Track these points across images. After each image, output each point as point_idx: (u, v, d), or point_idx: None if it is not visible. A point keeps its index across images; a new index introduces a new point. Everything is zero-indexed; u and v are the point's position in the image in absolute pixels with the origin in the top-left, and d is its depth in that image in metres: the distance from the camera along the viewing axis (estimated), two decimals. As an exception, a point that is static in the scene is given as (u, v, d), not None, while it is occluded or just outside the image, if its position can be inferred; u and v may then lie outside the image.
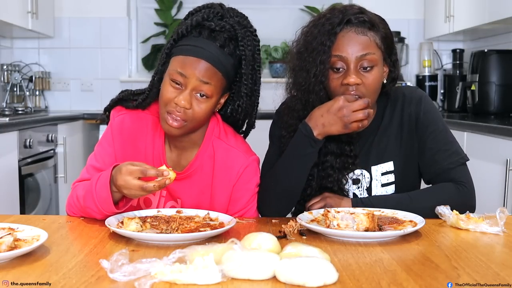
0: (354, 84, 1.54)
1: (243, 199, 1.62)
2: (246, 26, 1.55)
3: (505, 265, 1.14)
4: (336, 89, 1.58)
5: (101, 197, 1.44)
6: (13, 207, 3.08)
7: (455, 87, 4.25)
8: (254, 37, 1.56)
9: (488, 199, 2.76)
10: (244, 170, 1.61)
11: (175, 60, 1.53)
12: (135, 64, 4.93)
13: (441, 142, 1.65)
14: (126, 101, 1.65)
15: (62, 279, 1.03)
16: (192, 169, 1.62)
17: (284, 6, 4.92)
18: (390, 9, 4.57)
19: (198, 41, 1.51)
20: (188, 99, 1.49)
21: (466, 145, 3.11)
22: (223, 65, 1.51)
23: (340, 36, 1.56)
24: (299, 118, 1.64)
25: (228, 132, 1.66)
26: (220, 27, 1.51)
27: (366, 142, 1.69)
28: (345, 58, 1.55)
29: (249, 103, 1.61)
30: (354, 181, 1.69)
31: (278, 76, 4.75)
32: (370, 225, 1.35)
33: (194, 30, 1.52)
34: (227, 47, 1.52)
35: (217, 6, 1.56)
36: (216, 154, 1.62)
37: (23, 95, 4.47)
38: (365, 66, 1.55)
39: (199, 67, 1.49)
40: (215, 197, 1.62)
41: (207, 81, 1.50)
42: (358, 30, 1.56)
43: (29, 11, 3.96)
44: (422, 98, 1.68)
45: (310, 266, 1.01)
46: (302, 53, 1.62)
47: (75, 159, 4.07)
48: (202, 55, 1.49)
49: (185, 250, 1.07)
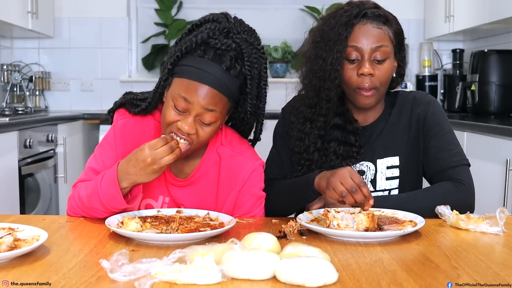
0: (368, 74, 1.60)
1: (247, 204, 1.62)
2: (252, 44, 1.50)
3: (505, 265, 1.14)
4: (350, 79, 1.64)
5: (108, 195, 1.44)
6: (13, 207, 3.08)
7: (455, 87, 4.26)
8: (261, 55, 1.52)
9: (488, 199, 2.76)
10: (250, 175, 1.60)
11: (179, 82, 1.48)
12: (135, 64, 4.93)
13: (445, 142, 1.69)
14: (129, 105, 1.63)
15: (62, 279, 1.03)
16: (196, 176, 1.61)
17: (284, 6, 4.92)
18: (390, 9, 4.57)
19: (203, 63, 1.46)
20: (192, 125, 1.47)
21: (466, 145, 3.11)
22: (229, 89, 1.47)
23: (357, 28, 1.62)
24: (309, 106, 1.70)
25: (233, 138, 1.64)
26: (226, 46, 1.46)
27: (373, 135, 1.72)
28: (360, 49, 1.61)
29: (253, 119, 1.60)
30: (359, 172, 1.71)
31: (278, 76, 4.75)
32: (370, 225, 1.36)
33: (199, 48, 1.47)
34: (233, 69, 1.47)
35: (223, 20, 1.50)
36: (222, 160, 1.61)
37: (23, 95, 4.47)
38: (378, 59, 1.62)
39: (204, 93, 1.45)
40: (220, 203, 1.62)
41: (212, 109, 1.46)
42: (373, 24, 1.63)
43: (29, 11, 3.96)
44: (431, 101, 1.75)
45: (310, 266, 1.01)
46: (319, 42, 1.67)
47: (75, 159, 4.07)
48: (207, 81, 1.44)
49: (185, 250, 1.07)
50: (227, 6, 1.58)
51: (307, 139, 1.69)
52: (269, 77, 5.00)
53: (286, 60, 4.75)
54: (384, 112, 1.75)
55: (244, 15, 1.62)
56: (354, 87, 1.63)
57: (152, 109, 1.61)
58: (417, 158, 1.72)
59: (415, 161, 1.72)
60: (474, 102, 3.85)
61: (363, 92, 1.63)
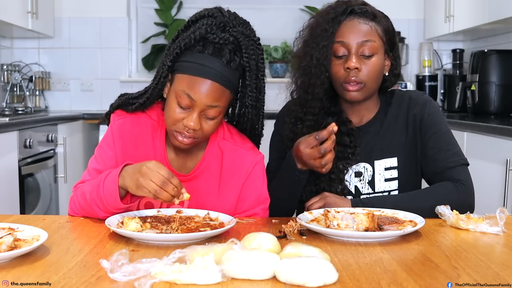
0: (354, 68, 1.61)
1: (251, 197, 1.63)
2: (249, 36, 1.52)
3: (505, 265, 1.14)
4: (338, 74, 1.64)
5: (108, 191, 1.44)
6: (13, 207, 3.08)
7: (455, 87, 4.25)
8: (257, 46, 1.54)
9: (488, 199, 2.76)
10: (253, 167, 1.63)
11: (181, 78, 1.49)
12: (135, 64, 4.93)
13: (443, 142, 1.69)
14: (125, 105, 1.64)
15: (62, 279, 1.03)
16: (199, 171, 1.62)
17: (284, 6, 4.92)
18: (390, 9, 4.57)
19: (204, 58, 1.47)
20: (197, 121, 1.49)
21: (466, 145, 3.11)
22: (230, 81, 1.50)
23: (343, 24, 1.63)
24: (300, 105, 1.70)
25: (233, 132, 1.67)
26: (224, 40, 1.48)
27: (369, 136, 1.72)
28: (346, 44, 1.62)
29: (254, 112, 1.60)
30: (356, 174, 1.71)
31: (278, 76, 4.75)
32: (370, 225, 1.36)
33: (198, 44, 1.49)
34: (233, 62, 1.49)
35: (218, 15, 1.52)
36: (224, 154, 1.63)
37: (23, 95, 4.47)
38: (366, 54, 1.63)
39: (207, 89, 1.47)
40: (223, 197, 1.62)
41: (216, 105, 1.48)
42: (360, 19, 1.64)
43: (29, 11, 3.96)
44: (427, 101, 1.74)
45: (310, 266, 1.01)
46: (307, 40, 1.68)
47: (75, 159, 4.07)
48: (209, 75, 1.46)
49: (185, 250, 1.07)
50: (227, 6, 1.58)
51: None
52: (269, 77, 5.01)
53: (286, 60, 4.75)
54: (379, 112, 1.74)
55: (244, 15, 1.62)
56: (341, 82, 1.64)
57: (149, 104, 1.62)
58: (415, 159, 1.72)
59: (413, 162, 1.72)
60: (474, 102, 3.85)
61: (350, 87, 1.63)
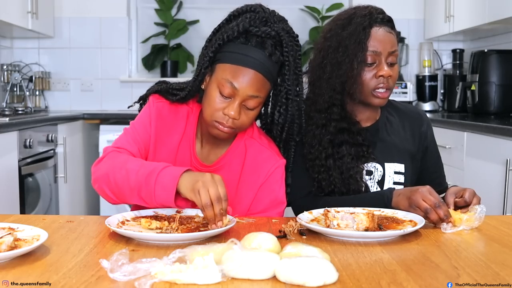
0: (388, 76, 1.68)
1: (266, 199, 1.63)
2: (289, 32, 1.56)
3: (505, 265, 1.14)
4: (368, 81, 1.69)
5: (162, 184, 1.39)
6: (13, 207, 3.08)
7: (455, 87, 4.25)
8: (296, 43, 1.58)
9: (488, 199, 2.75)
10: (274, 170, 1.64)
11: (224, 68, 1.52)
12: (135, 64, 4.93)
13: (439, 166, 1.90)
14: (165, 93, 1.66)
15: (62, 279, 1.03)
16: (220, 164, 1.64)
17: (284, 6, 4.90)
18: (390, 9, 4.57)
19: (248, 49, 1.51)
20: (238, 110, 1.51)
21: (466, 145, 3.11)
22: (271, 73, 1.53)
23: (374, 32, 1.68)
24: (320, 111, 1.72)
25: (261, 134, 1.70)
26: (266, 34, 1.51)
27: (378, 138, 1.77)
28: (379, 53, 1.68)
29: (295, 105, 1.61)
30: (367, 172, 1.75)
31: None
32: (370, 225, 1.36)
33: (241, 36, 1.52)
34: (274, 55, 1.52)
35: (260, 10, 1.57)
36: (248, 152, 1.65)
37: (23, 95, 4.47)
38: (392, 62, 1.70)
39: (251, 78, 1.49)
40: (239, 195, 1.63)
41: (257, 95, 1.51)
42: (386, 29, 1.70)
43: (29, 11, 3.96)
44: (429, 123, 1.89)
45: (310, 266, 1.01)
46: (336, 48, 1.69)
47: (75, 159, 4.07)
48: (253, 65, 1.50)
49: (185, 250, 1.07)
50: (227, 6, 1.58)
51: (320, 145, 1.71)
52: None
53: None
54: (381, 115, 1.82)
55: (244, 15, 1.62)
56: (371, 89, 1.69)
57: (190, 98, 1.64)
58: (416, 171, 1.82)
59: (415, 173, 1.82)
60: (474, 102, 3.85)
61: (381, 94, 1.69)
